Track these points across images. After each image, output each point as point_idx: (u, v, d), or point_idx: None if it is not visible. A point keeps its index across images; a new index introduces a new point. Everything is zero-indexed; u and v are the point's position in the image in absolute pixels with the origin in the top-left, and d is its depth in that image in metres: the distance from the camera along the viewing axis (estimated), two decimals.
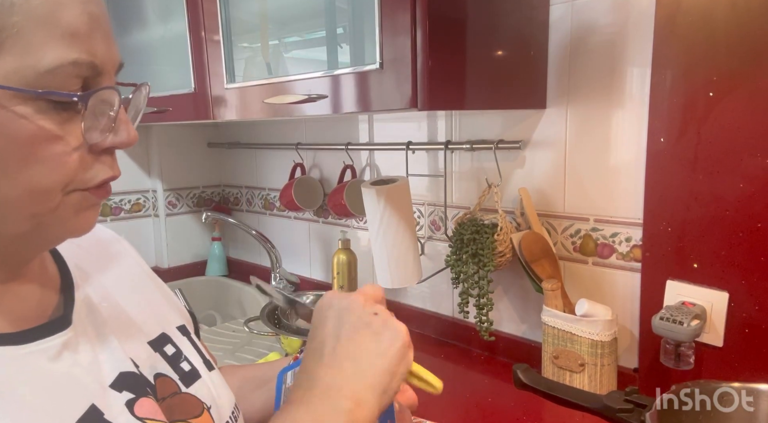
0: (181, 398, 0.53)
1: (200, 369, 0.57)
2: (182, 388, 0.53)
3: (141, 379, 0.49)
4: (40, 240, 0.45)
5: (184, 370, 0.55)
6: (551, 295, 1.07)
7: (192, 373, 0.56)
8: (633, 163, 1.03)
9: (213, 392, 0.56)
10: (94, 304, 0.52)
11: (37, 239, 0.44)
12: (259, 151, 1.88)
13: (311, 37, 1.22)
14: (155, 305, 0.60)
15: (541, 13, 1.09)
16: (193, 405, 0.53)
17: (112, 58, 0.42)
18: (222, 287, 1.94)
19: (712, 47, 0.88)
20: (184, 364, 0.56)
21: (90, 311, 0.50)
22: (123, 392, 0.47)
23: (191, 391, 0.54)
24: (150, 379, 0.51)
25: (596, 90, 1.06)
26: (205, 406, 0.54)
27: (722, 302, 0.90)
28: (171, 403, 0.51)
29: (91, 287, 0.53)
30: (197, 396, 0.54)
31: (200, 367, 0.57)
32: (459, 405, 1.07)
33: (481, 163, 1.26)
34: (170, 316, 0.61)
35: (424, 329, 1.44)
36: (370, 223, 1.22)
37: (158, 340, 0.56)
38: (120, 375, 0.47)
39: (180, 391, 0.53)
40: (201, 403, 0.54)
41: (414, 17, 0.86)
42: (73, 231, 0.44)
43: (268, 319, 1.27)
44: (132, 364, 0.50)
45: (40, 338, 0.43)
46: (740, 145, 0.86)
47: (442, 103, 0.95)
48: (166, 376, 0.53)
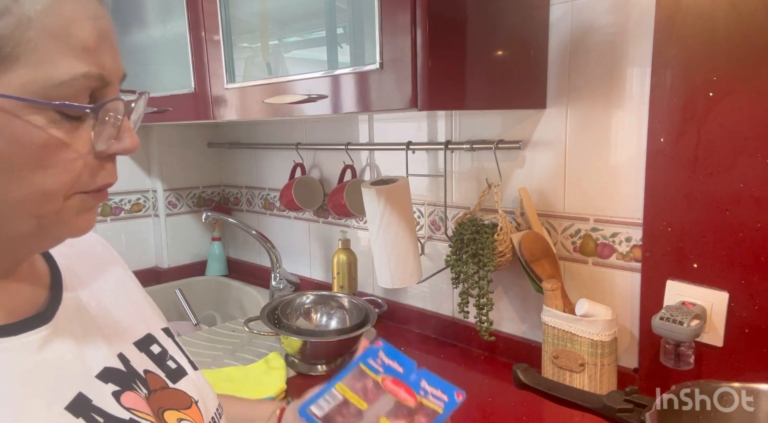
0: (170, 392, 0.55)
1: (186, 367, 0.59)
2: (169, 384, 0.56)
3: (128, 374, 0.51)
4: (42, 240, 0.47)
5: (171, 367, 0.58)
6: (551, 295, 1.07)
7: (178, 370, 0.58)
8: (633, 163, 1.03)
9: (199, 389, 0.58)
10: (83, 304, 0.54)
11: (38, 239, 0.46)
12: (259, 151, 1.88)
13: (311, 37, 1.22)
14: (140, 308, 0.62)
15: (541, 13, 1.09)
16: (182, 398, 0.55)
17: (118, 70, 0.45)
18: (222, 287, 1.94)
19: (712, 47, 0.88)
20: (170, 363, 0.58)
21: (77, 310, 0.52)
22: (109, 384, 0.49)
23: (178, 386, 0.56)
24: (141, 373, 0.53)
25: (596, 90, 1.06)
26: (193, 399, 0.56)
27: (722, 302, 0.90)
28: (160, 395, 0.53)
29: (81, 288, 0.55)
30: (185, 391, 0.56)
31: (186, 365, 0.60)
32: (459, 405, 1.07)
33: (481, 163, 1.26)
34: (154, 318, 0.63)
35: (424, 329, 1.44)
36: (370, 223, 1.22)
37: (144, 340, 0.58)
38: (105, 369, 0.49)
39: (168, 387, 0.55)
40: (189, 397, 0.56)
41: (414, 17, 0.86)
42: (73, 231, 0.46)
43: (268, 319, 1.27)
44: (119, 361, 0.52)
45: (22, 332, 0.45)
46: (740, 145, 0.86)
47: (442, 103, 0.95)
48: (153, 373, 0.55)
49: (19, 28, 0.38)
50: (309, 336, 1.21)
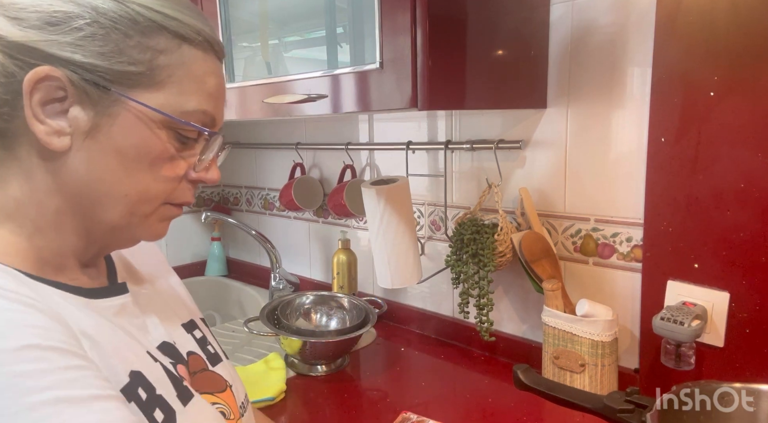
0: (209, 375, 0.62)
1: (221, 354, 0.67)
2: (209, 366, 0.63)
3: (177, 352, 0.59)
4: (122, 236, 0.55)
5: (210, 351, 0.66)
6: (552, 296, 1.07)
7: (216, 355, 0.66)
8: (633, 163, 1.03)
9: (232, 375, 0.66)
10: (135, 288, 0.62)
11: (121, 234, 0.54)
12: (258, 151, 1.88)
13: (311, 36, 1.21)
14: (182, 296, 0.71)
15: (541, 12, 1.09)
16: (219, 382, 0.62)
17: (222, 117, 0.57)
18: (221, 287, 1.94)
19: (712, 47, 0.87)
20: (210, 347, 0.66)
21: (133, 293, 0.60)
22: (165, 356, 0.57)
23: (216, 370, 0.64)
24: (184, 355, 0.60)
25: (597, 89, 1.06)
26: (228, 383, 0.63)
27: (723, 302, 0.90)
28: (200, 377, 0.60)
29: (130, 276, 0.64)
30: (221, 375, 0.63)
31: (220, 352, 0.68)
32: (459, 405, 1.07)
33: (482, 163, 1.26)
34: (193, 307, 0.72)
35: (424, 329, 1.44)
36: (370, 223, 1.21)
37: (189, 324, 0.66)
38: (163, 343, 0.58)
39: (207, 369, 0.63)
40: (225, 381, 0.63)
41: (414, 17, 0.86)
42: (150, 236, 0.56)
43: (268, 319, 1.27)
44: (170, 338, 0.60)
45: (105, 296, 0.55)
46: (741, 145, 0.86)
47: (442, 103, 0.95)
48: (197, 354, 0.63)
49: (174, 66, 0.50)
50: (309, 336, 1.21)
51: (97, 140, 0.49)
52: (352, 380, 1.21)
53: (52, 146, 0.48)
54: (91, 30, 0.47)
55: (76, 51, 0.47)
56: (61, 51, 0.47)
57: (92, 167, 0.50)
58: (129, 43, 0.48)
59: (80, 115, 0.48)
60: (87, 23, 0.47)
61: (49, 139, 0.48)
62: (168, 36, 0.50)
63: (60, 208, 0.51)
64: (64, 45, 0.47)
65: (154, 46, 0.49)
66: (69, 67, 0.47)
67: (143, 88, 0.49)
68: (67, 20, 0.47)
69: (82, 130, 0.49)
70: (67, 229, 0.52)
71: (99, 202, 0.51)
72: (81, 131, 0.49)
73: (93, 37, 0.48)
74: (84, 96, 0.48)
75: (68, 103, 0.48)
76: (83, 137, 0.49)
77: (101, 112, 0.49)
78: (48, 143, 0.48)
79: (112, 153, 0.49)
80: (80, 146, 0.49)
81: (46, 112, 0.48)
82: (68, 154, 0.49)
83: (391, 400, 1.10)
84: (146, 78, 0.49)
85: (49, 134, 0.48)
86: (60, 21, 0.47)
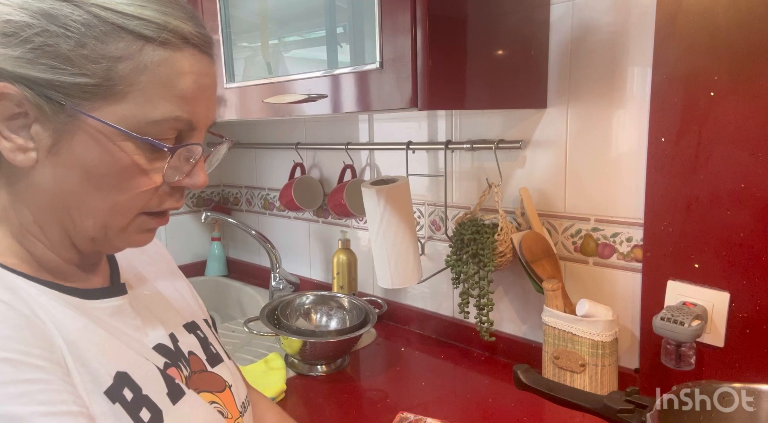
0: (208, 375, 0.62)
1: (222, 355, 0.67)
2: (208, 367, 0.63)
3: (175, 353, 0.59)
4: (104, 245, 0.54)
5: (211, 352, 0.65)
6: (552, 296, 1.07)
7: (216, 356, 0.66)
8: (634, 163, 1.02)
9: (232, 375, 0.66)
10: (138, 290, 0.62)
11: (101, 244, 0.53)
12: (258, 151, 1.88)
13: (311, 36, 1.21)
14: (186, 298, 0.70)
15: (541, 12, 1.09)
16: (218, 382, 0.62)
17: (209, 118, 0.53)
18: (221, 287, 1.94)
19: (713, 47, 0.87)
20: (211, 348, 0.66)
21: (134, 294, 0.60)
22: (160, 356, 0.57)
23: (215, 371, 0.63)
24: (185, 354, 0.60)
25: (597, 89, 1.06)
26: (227, 384, 0.63)
27: (723, 302, 0.90)
28: (200, 377, 0.60)
29: (134, 277, 0.63)
30: (221, 375, 0.63)
31: (222, 353, 0.67)
32: (459, 405, 1.07)
33: (482, 163, 1.26)
34: (197, 309, 0.71)
35: (424, 330, 1.44)
36: (370, 223, 1.21)
37: (191, 325, 0.66)
38: (159, 344, 0.58)
39: (206, 370, 0.62)
40: (224, 382, 0.63)
41: (414, 17, 0.86)
42: (131, 245, 0.55)
43: (268, 319, 1.27)
44: (170, 339, 0.60)
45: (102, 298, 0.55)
46: (741, 145, 0.86)
47: (443, 103, 0.95)
48: (197, 355, 0.63)
49: (134, 72, 0.46)
50: (309, 336, 1.21)
51: (60, 155, 0.47)
52: (352, 380, 1.21)
53: (16, 162, 0.47)
54: (40, 41, 0.45)
55: (26, 65, 0.45)
56: (13, 66, 0.45)
57: (59, 182, 0.48)
58: (82, 52, 0.45)
59: (40, 132, 0.47)
60: (36, 34, 0.45)
61: (13, 156, 0.47)
62: (128, 38, 0.46)
63: (38, 219, 0.51)
64: (15, 59, 0.45)
65: (111, 53, 0.46)
66: (23, 82, 0.45)
67: (102, 100, 0.46)
68: (17, 31, 0.45)
69: (45, 145, 0.47)
70: (52, 237, 0.52)
71: (71, 215, 0.50)
72: (44, 147, 0.47)
73: (42, 48, 0.45)
74: (41, 112, 0.46)
75: (31, 119, 0.47)
76: (46, 153, 0.47)
77: (59, 128, 0.47)
78: (12, 160, 0.47)
79: (77, 168, 0.48)
80: (45, 162, 0.48)
81: (10, 127, 0.47)
82: (35, 168, 0.48)
83: (392, 400, 1.10)
84: (103, 89, 0.46)
85: (13, 151, 0.47)
86: (11, 32, 0.45)
